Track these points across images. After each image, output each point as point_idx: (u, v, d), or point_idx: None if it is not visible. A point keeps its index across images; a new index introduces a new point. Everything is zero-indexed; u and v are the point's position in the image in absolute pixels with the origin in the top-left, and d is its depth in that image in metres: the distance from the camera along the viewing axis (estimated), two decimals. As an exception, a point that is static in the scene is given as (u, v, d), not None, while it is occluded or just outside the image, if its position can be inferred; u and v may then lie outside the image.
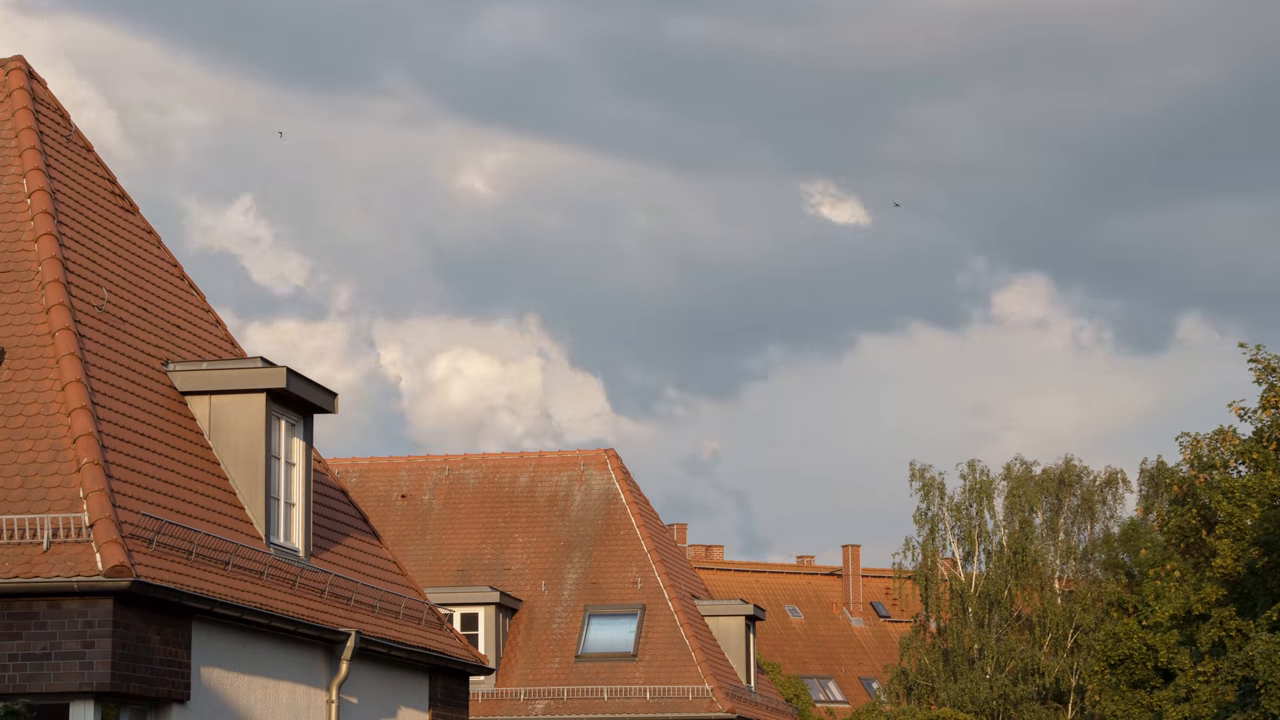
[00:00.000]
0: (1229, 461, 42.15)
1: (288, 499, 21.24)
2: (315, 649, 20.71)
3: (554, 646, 40.66)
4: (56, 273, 19.51)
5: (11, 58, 22.31)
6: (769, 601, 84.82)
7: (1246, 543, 39.27)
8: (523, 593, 41.70)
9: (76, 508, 17.20)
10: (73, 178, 21.70)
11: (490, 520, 43.61)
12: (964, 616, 69.85)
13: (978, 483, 71.21)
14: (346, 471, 44.52)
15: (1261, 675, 33.49)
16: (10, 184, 20.68)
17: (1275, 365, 39.58)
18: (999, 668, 67.94)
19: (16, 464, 17.74)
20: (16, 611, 16.76)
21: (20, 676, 16.66)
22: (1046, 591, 69.93)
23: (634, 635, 40.48)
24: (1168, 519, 45.21)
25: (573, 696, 39.60)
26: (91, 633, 16.65)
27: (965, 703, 66.10)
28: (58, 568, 16.69)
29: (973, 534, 70.91)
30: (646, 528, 42.71)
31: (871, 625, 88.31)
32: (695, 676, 39.46)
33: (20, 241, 19.98)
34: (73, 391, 18.23)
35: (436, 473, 44.96)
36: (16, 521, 17.09)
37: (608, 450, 44.46)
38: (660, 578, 41.39)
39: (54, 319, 19.00)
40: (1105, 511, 72.09)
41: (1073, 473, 72.30)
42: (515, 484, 44.32)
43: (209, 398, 20.65)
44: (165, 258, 23.01)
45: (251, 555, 19.57)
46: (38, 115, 21.76)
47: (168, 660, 17.57)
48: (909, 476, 71.28)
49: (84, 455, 17.60)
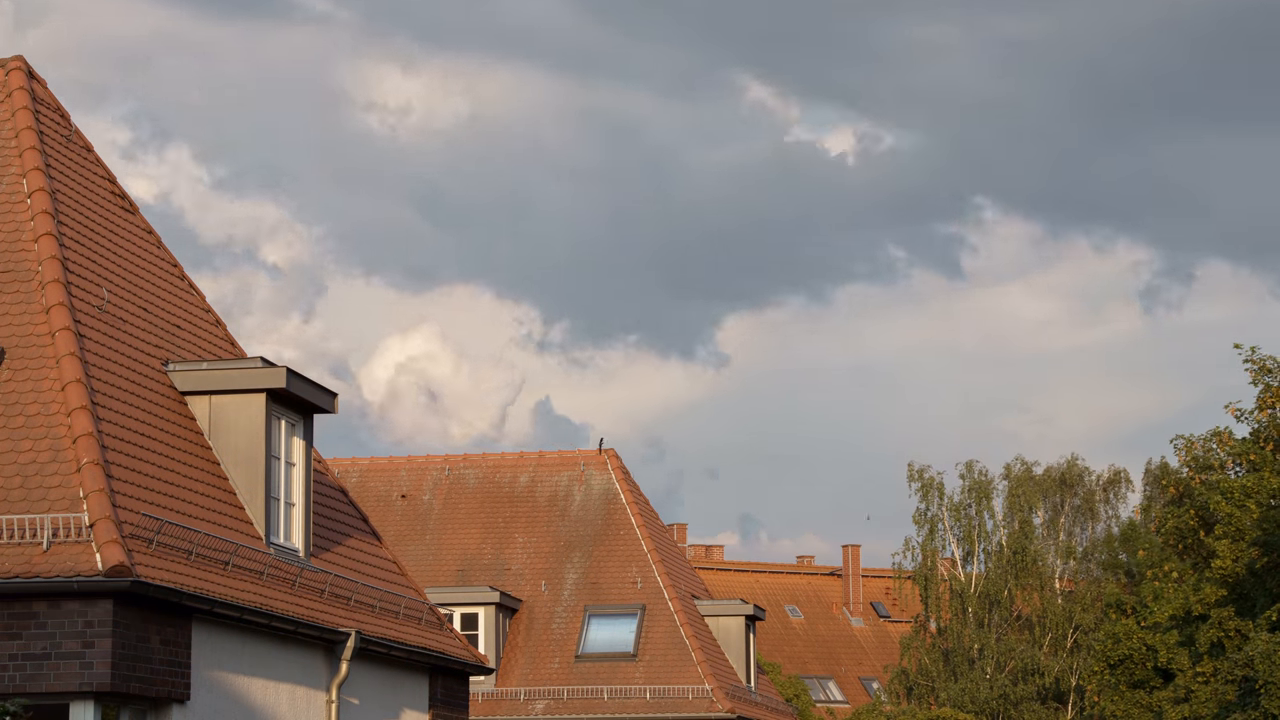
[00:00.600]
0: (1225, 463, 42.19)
1: (288, 499, 21.25)
2: (315, 649, 20.72)
3: (554, 646, 40.67)
4: (56, 273, 19.52)
5: (11, 58, 22.33)
6: (769, 601, 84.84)
7: (1245, 543, 39.28)
8: (523, 593, 41.71)
9: (76, 508, 17.21)
10: (73, 178, 21.71)
11: (490, 520, 43.63)
12: (964, 616, 69.87)
13: (976, 483, 71.26)
14: (346, 471, 44.54)
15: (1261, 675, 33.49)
16: (10, 184, 20.68)
17: (1271, 366, 39.61)
18: (999, 668, 67.96)
19: (16, 464, 17.75)
20: (16, 611, 16.77)
21: (20, 676, 16.66)
22: (1046, 591, 69.96)
23: (634, 635, 40.48)
24: (1165, 520, 45.24)
25: (573, 696, 39.61)
26: (91, 633, 16.66)
27: (965, 703, 66.12)
28: (58, 568, 16.70)
29: (972, 534, 70.95)
30: (646, 528, 42.73)
31: (871, 625, 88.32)
32: (695, 676, 39.47)
33: (20, 241, 19.99)
34: (73, 391, 18.24)
35: (436, 473, 44.98)
36: (16, 521, 17.10)
37: (607, 450, 44.49)
38: (660, 578, 41.41)
39: (54, 319, 19.01)
40: (1107, 511, 72.15)
41: (1074, 472, 72.32)
42: (515, 484, 44.34)
43: (209, 398, 20.65)
44: (165, 258, 23.02)
45: (251, 555, 19.58)
46: (38, 115, 21.76)
47: (168, 660, 17.57)
48: (907, 477, 71.39)
49: (84, 455, 17.60)
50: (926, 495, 71.13)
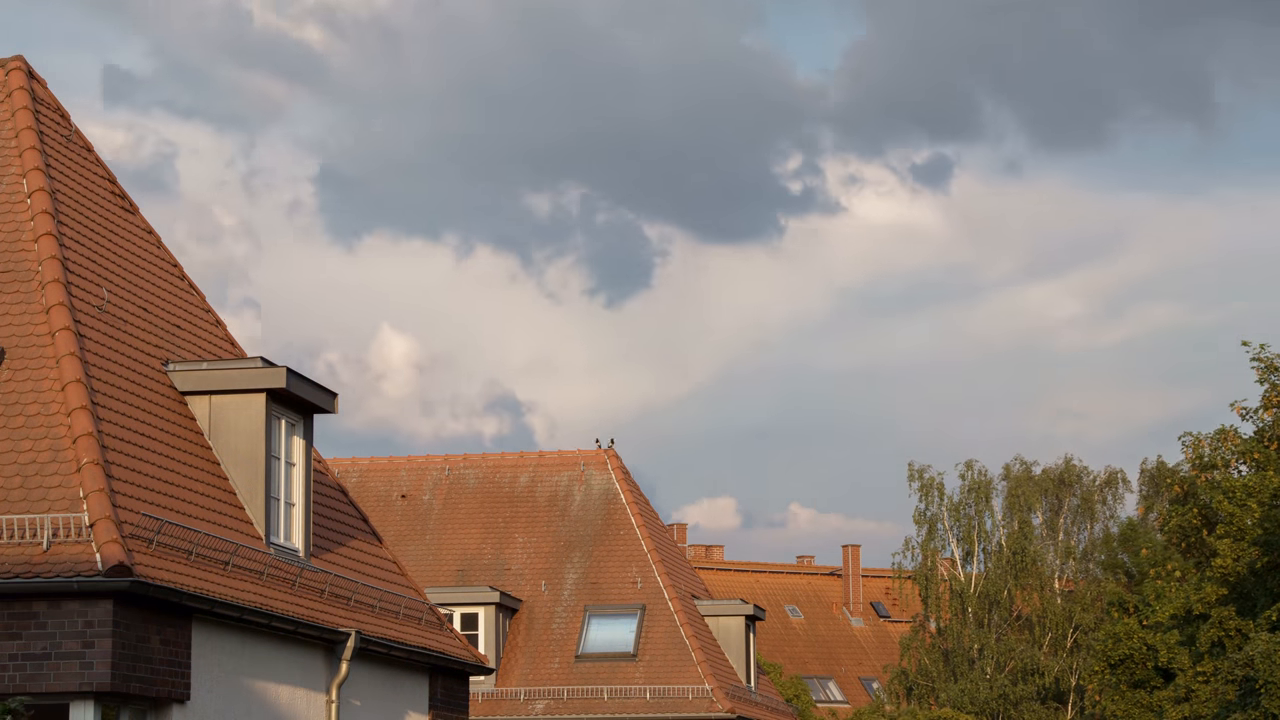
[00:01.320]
0: (1230, 461, 42.14)
1: (288, 499, 21.24)
2: (315, 649, 20.70)
3: (554, 646, 40.65)
4: (56, 273, 19.51)
5: (11, 58, 22.32)
6: (769, 601, 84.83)
7: (1247, 543, 39.26)
8: (523, 593, 41.69)
9: (76, 508, 17.19)
10: (73, 178, 21.70)
11: (490, 520, 43.62)
12: (964, 616, 69.87)
13: (976, 482, 71.29)
14: (346, 471, 44.53)
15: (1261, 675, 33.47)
16: (10, 184, 20.67)
17: (1278, 364, 39.55)
18: (999, 668, 67.94)
19: (16, 464, 17.73)
20: (16, 611, 16.76)
21: (20, 676, 16.65)
22: (1046, 591, 69.97)
23: (634, 635, 40.47)
24: (1168, 518, 45.21)
25: (573, 696, 39.60)
26: (91, 633, 16.64)
27: (965, 703, 66.10)
28: (58, 568, 16.68)
29: (972, 534, 70.97)
30: (646, 528, 42.72)
31: (871, 625, 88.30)
32: (695, 676, 39.46)
33: (20, 241, 19.98)
34: (73, 391, 18.22)
35: (436, 473, 44.97)
36: (16, 521, 17.08)
37: (608, 450, 44.49)
38: (660, 578, 41.39)
39: (54, 319, 19.00)
40: (1105, 511, 72.19)
41: (1072, 473, 72.40)
42: (515, 484, 44.32)
43: (209, 398, 20.64)
44: (165, 258, 23.01)
45: (251, 555, 19.57)
46: (38, 115, 21.75)
47: (168, 660, 17.56)
48: (907, 477, 71.42)
49: (84, 455, 17.59)
50: (926, 495, 71.18)
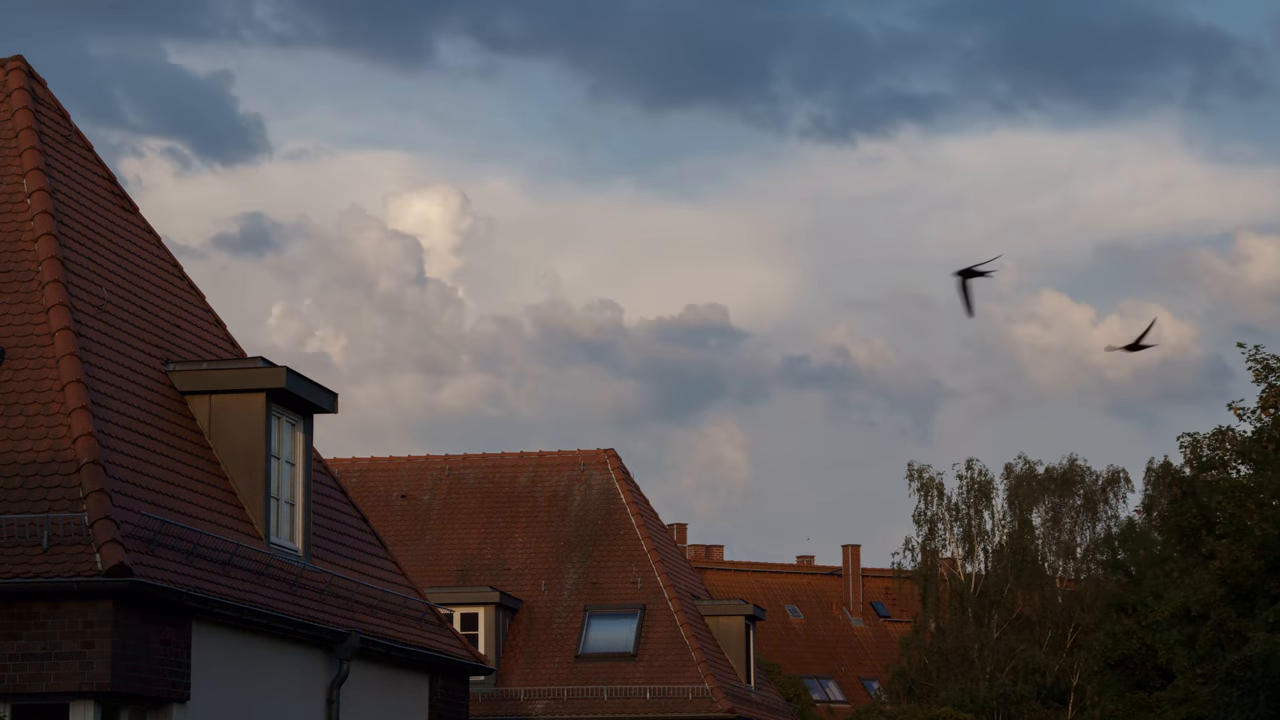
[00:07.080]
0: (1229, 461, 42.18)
1: (288, 499, 21.24)
2: (315, 649, 20.71)
3: (554, 646, 40.64)
4: (56, 273, 19.52)
5: (11, 58, 22.32)
6: (769, 601, 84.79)
7: (1246, 543, 39.27)
8: (523, 593, 41.69)
9: (76, 508, 17.20)
10: (73, 178, 21.71)
11: (490, 520, 43.61)
12: (964, 616, 69.84)
13: (975, 482, 71.27)
14: (346, 471, 44.52)
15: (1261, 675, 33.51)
16: (10, 184, 20.68)
17: (1274, 365, 39.59)
18: (999, 667, 67.92)
19: (16, 464, 17.74)
20: (16, 611, 16.76)
21: (20, 676, 16.66)
22: (1046, 591, 69.95)
23: (634, 635, 40.46)
24: (1168, 518, 45.23)
25: (573, 696, 39.59)
26: (91, 633, 16.65)
27: (965, 703, 66.06)
28: (58, 568, 16.69)
29: (972, 534, 70.95)
30: (646, 528, 42.71)
31: (871, 625, 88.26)
32: (695, 676, 39.45)
33: (20, 241, 19.98)
34: (73, 391, 18.23)
35: (436, 472, 44.96)
36: (16, 521, 17.09)
37: (608, 450, 44.48)
38: (660, 578, 41.39)
39: (54, 319, 19.00)
40: (1107, 511, 72.15)
41: (1076, 472, 72.34)
42: (515, 484, 44.32)
43: (209, 398, 20.65)
44: (165, 258, 23.02)
45: (251, 555, 19.57)
46: (38, 115, 21.76)
47: (167, 660, 17.56)
48: (907, 477, 71.39)
49: (84, 455, 17.60)
50: (926, 495, 71.15)
